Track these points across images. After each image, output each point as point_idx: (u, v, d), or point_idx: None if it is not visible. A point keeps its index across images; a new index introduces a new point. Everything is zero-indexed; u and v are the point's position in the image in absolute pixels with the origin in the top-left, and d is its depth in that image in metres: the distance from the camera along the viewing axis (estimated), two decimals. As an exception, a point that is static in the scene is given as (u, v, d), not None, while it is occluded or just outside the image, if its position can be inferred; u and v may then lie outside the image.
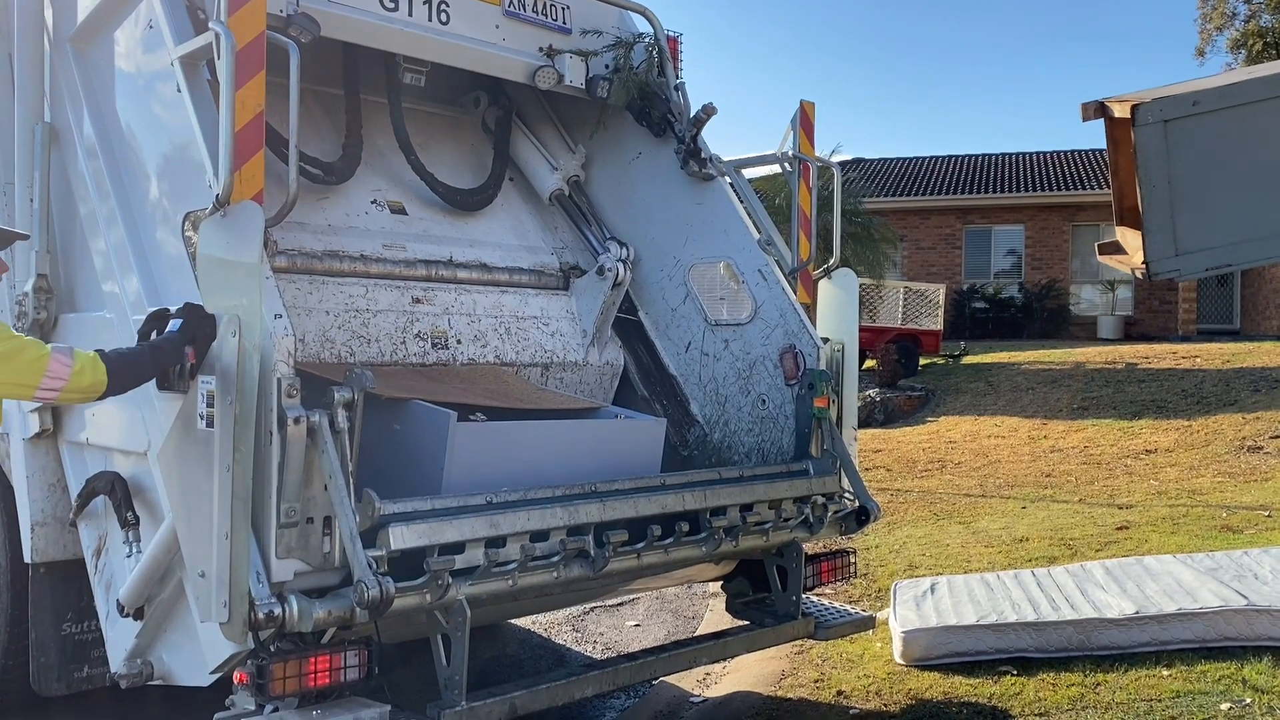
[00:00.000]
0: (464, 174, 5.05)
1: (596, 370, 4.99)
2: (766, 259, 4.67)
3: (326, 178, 4.36)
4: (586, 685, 3.73)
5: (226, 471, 2.93)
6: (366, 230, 4.50)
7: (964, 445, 11.91)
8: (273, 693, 2.89)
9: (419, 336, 4.41)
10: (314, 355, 4.05)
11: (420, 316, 4.45)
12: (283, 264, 4.03)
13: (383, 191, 4.70)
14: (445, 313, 4.55)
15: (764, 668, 5.12)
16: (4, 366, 2.76)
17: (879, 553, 7.16)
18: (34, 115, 4.14)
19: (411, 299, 4.46)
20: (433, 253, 4.64)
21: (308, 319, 4.08)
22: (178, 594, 3.36)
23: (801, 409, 4.43)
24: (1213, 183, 3.67)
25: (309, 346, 4.03)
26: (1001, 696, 4.39)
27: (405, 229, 4.65)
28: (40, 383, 2.78)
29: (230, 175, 3.03)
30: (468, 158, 5.16)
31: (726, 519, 3.90)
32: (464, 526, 3.24)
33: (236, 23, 3.08)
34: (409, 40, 4.40)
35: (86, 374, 2.80)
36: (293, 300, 4.03)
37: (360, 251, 4.39)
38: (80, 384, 2.81)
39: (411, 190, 4.80)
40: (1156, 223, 3.68)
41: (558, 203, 5.19)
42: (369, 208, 4.60)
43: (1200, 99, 3.61)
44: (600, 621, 6.17)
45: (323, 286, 4.19)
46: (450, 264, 4.68)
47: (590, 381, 4.98)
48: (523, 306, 4.84)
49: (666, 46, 5.00)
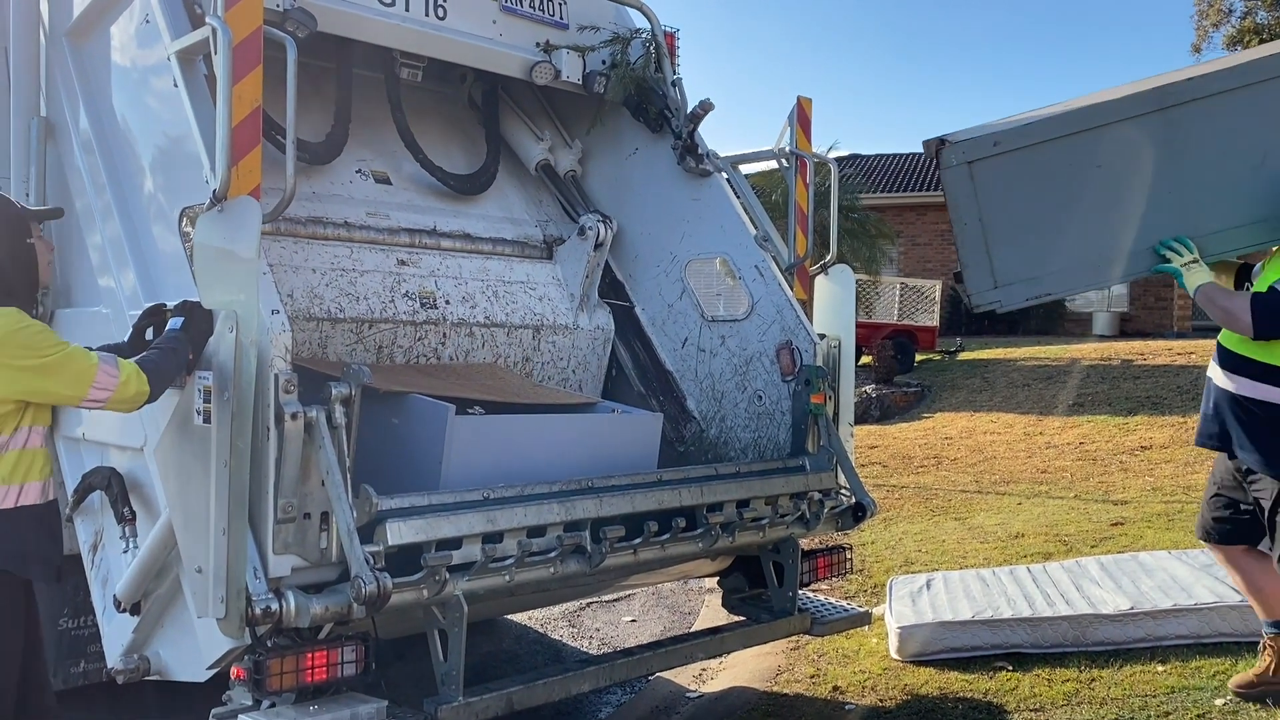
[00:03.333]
0: (451, 150, 5.07)
1: (588, 334, 5.00)
2: (763, 255, 4.68)
3: (308, 157, 4.35)
4: (583, 680, 3.73)
5: (224, 467, 2.93)
6: (350, 199, 4.53)
7: (960, 441, 11.92)
8: (270, 688, 2.90)
9: (407, 296, 4.43)
10: (303, 311, 4.06)
11: (407, 278, 4.47)
12: (266, 229, 4.04)
13: (368, 162, 4.72)
14: (431, 275, 4.57)
15: (760, 663, 5.13)
16: (53, 377, 2.79)
17: (875, 548, 7.17)
18: (30, 110, 4.13)
19: (397, 260, 4.49)
20: (416, 221, 4.67)
21: (294, 276, 4.09)
22: (174, 589, 3.36)
23: (798, 405, 4.43)
24: (1020, 218, 3.80)
25: (297, 302, 4.05)
26: (997, 692, 4.40)
27: (389, 198, 4.69)
28: (87, 394, 2.81)
29: (227, 170, 3.02)
30: (453, 133, 5.17)
31: (723, 515, 3.90)
32: (461, 522, 3.24)
33: (233, 17, 3.07)
34: (406, 35, 4.40)
35: (131, 384, 2.82)
36: (279, 258, 4.05)
37: (344, 219, 4.42)
38: (126, 394, 2.83)
39: (396, 161, 4.82)
40: (972, 258, 3.83)
41: (543, 173, 5.21)
42: (353, 177, 4.62)
43: (1000, 139, 3.75)
44: (597, 617, 6.18)
45: (308, 246, 4.22)
46: (434, 233, 4.71)
47: (583, 346, 4.99)
48: (508, 272, 4.88)
49: (664, 42, 5.00)
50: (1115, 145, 3.71)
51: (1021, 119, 3.94)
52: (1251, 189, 3.66)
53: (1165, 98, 3.65)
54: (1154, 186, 3.72)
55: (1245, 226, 3.71)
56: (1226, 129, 3.65)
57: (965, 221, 3.81)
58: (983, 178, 3.76)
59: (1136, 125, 3.69)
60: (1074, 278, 3.95)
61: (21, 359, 2.77)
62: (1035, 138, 3.75)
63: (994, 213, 3.79)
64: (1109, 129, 3.70)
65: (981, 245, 3.82)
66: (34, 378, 2.80)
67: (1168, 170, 3.71)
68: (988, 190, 3.77)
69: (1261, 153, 3.63)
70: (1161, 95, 3.66)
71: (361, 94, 4.66)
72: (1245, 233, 3.73)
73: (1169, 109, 3.65)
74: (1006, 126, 3.83)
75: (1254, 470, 3.76)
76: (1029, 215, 3.81)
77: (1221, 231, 3.72)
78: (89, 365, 2.79)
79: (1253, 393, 3.67)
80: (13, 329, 2.78)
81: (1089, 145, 3.72)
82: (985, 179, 3.76)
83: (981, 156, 3.76)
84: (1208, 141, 3.67)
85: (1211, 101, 3.63)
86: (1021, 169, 3.76)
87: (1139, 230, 3.75)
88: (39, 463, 2.97)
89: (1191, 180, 3.70)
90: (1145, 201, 3.73)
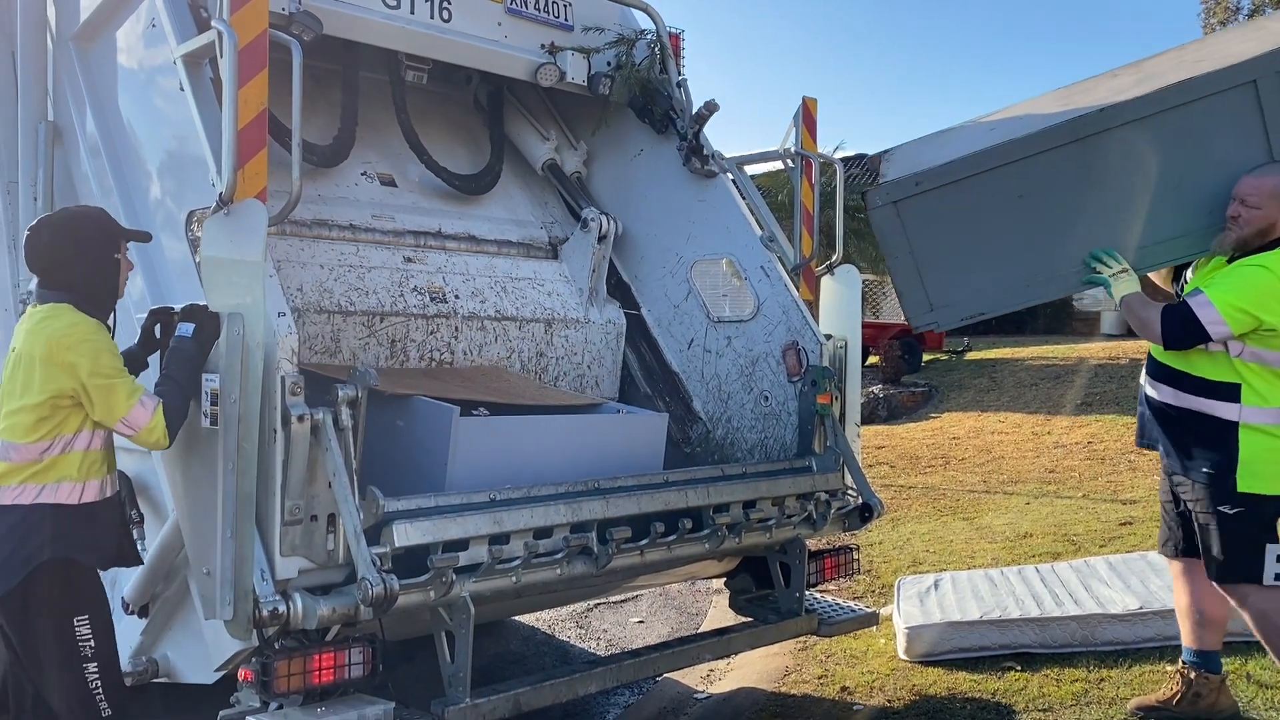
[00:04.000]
0: (456, 151, 5.08)
1: (600, 328, 5.01)
2: (769, 255, 4.67)
3: (315, 159, 4.36)
4: (590, 682, 3.73)
5: (230, 469, 2.94)
6: (356, 201, 4.55)
7: (967, 441, 11.90)
8: (277, 690, 2.90)
9: (416, 290, 4.44)
10: (313, 304, 4.08)
11: (415, 274, 4.49)
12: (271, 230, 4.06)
13: (373, 164, 4.74)
14: (439, 271, 4.59)
15: (768, 664, 5.13)
16: (97, 401, 2.98)
17: (883, 549, 7.16)
18: (37, 114, 4.15)
19: (403, 258, 4.51)
20: (421, 224, 4.69)
21: (303, 271, 4.11)
22: (182, 592, 3.37)
23: (804, 405, 4.43)
24: (949, 248, 3.97)
25: (307, 295, 4.07)
26: (1005, 692, 4.39)
27: (394, 200, 4.70)
28: (116, 426, 3.02)
29: (234, 174, 3.03)
30: (458, 134, 5.18)
31: (729, 516, 3.90)
32: (468, 523, 3.25)
33: (239, 21, 3.08)
34: (411, 38, 4.41)
35: (156, 432, 2.99)
36: (285, 255, 4.07)
37: (349, 221, 4.44)
38: (148, 440, 3.02)
39: (401, 163, 4.84)
40: (907, 285, 4.04)
41: (549, 173, 5.21)
42: (358, 179, 4.64)
43: (921, 180, 3.91)
44: (604, 618, 6.17)
45: (314, 244, 4.24)
46: (439, 235, 4.73)
47: (596, 340, 5.00)
48: (515, 269, 4.90)
49: (669, 43, 5.01)
50: (1034, 177, 3.79)
51: (942, 152, 4.05)
52: (1172, 207, 3.73)
53: (1079, 129, 3.72)
54: (1077, 211, 3.80)
55: (1169, 241, 3.78)
56: (1142, 154, 3.71)
57: (896, 255, 4.01)
58: (908, 215, 3.93)
59: (1053, 157, 3.76)
60: (1006, 298, 4.06)
61: (85, 370, 2.95)
62: (956, 175, 3.87)
63: (923, 246, 3.96)
64: (1026, 162, 3.79)
65: (915, 274, 4.00)
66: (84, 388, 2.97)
67: (1089, 195, 3.78)
68: (915, 226, 3.94)
69: (1179, 175, 3.71)
70: (1075, 127, 3.72)
71: (366, 97, 4.67)
72: (1170, 247, 3.80)
73: (1083, 139, 3.72)
74: (928, 166, 3.96)
75: (1179, 474, 3.80)
76: (957, 246, 3.95)
77: (1147, 247, 3.79)
78: (129, 399, 2.97)
79: (1174, 400, 3.74)
80: (89, 337, 2.99)
81: (1009, 178, 3.82)
82: (910, 216, 3.93)
83: (905, 196, 3.93)
84: (1125, 166, 3.73)
85: (1125, 129, 3.69)
86: (945, 205, 3.90)
87: (1065, 251, 3.84)
88: (101, 461, 3.12)
89: (1113, 203, 3.78)
90: (1070, 225, 3.81)
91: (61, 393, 2.97)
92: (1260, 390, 3.57)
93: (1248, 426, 3.58)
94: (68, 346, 2.95)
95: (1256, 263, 3.54)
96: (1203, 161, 3.69)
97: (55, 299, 3.08)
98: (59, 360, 2.95)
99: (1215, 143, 3.66)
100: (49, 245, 3.11)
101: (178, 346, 3.06)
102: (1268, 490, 3.58)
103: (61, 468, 3.02)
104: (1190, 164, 3.69)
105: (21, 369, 3.01)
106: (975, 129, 4.24)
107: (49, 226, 3.17)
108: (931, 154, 4.10)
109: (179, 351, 3.06)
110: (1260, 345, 3.55)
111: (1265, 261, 3.53)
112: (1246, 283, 3.53)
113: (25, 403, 2.98)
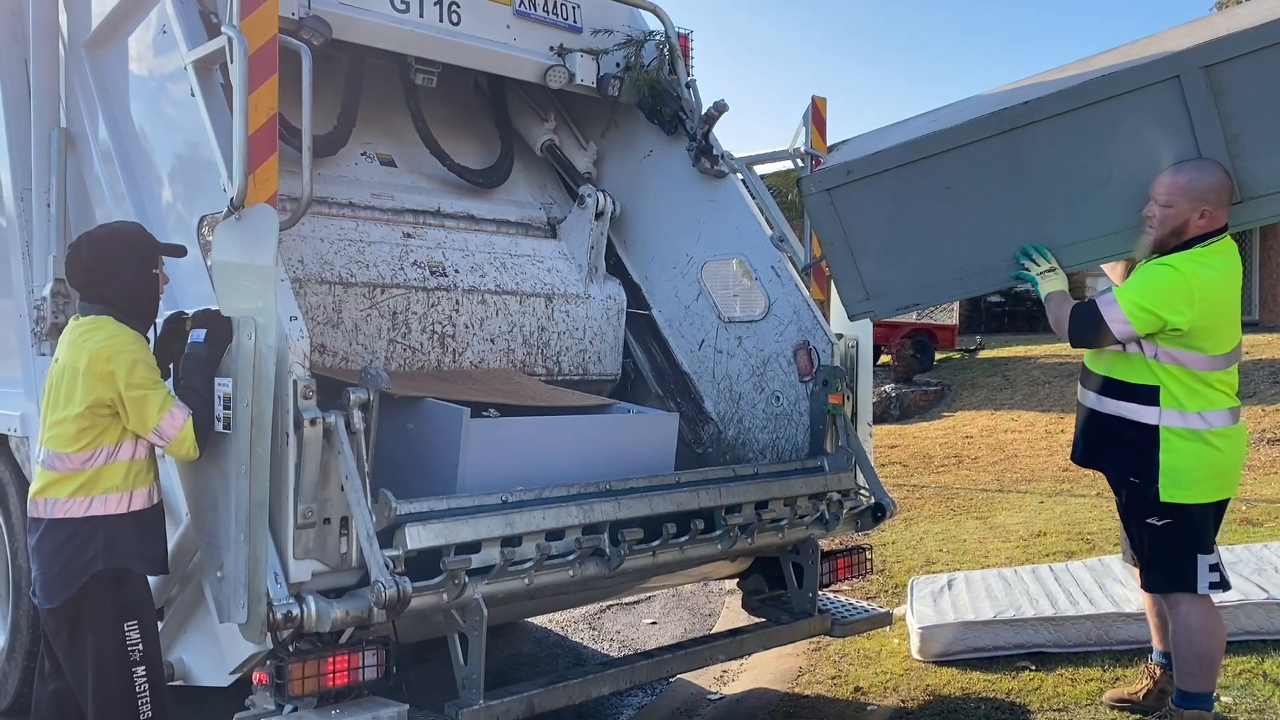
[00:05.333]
0: (460, 139, 5.11)
1: (601, 304, 5.03)
2: (779, 255, 4.67)
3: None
4: (604, 683, 3.73)
5: (244, 473, 2.95)
6: (355, 180, 4.60)
7: (980, 440, 11.86)
8: (291, 693, 2.91)
9: (416, 265, 4.47)
10: (314, 275, 4.11)
11: (414, 249, 4.53)
12: None
13: (373, 145, 4.77)
14: (438, 246, 4.63)
15: (781, 665, 5.12)
16: (131, 411, 3.05)
17: (896, 549, 7.14)
18: (50, 121, 4.18)
19: (403, 234, 4.55)
20: (420, 203, 4.74)
21: (303, 244, 4.14)
22: (197, 595, 3.39)
23: (816, 405, 4.42)
24: (881, 237, 3.99)
25: (308, 267, 4.10)
26: (1020, 692, 4.37)
27: (393, 180, 4.75)
28: (149, 436, 3.09)
29: (244, 178, 3.05)
30: (461, 121, 5.20)
31: (741, 516, 3.90)
32: (480, 526, 3.25)
33: (249, 27, 3.09)
34: (420, 42, 4.42)
35: (186, 443, 3.06)
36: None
37: (349, 199, 4.47)
38: (178, 451, 3.09)
39: (401, 144, 4.87)
40: (842, 273, 4.07)
41: (548, 154, 5.23)
42: (358, 159, 4.68)
43: (853, 168, 3.94)
44: (617, 619, 6.18)
45: (313, 219, 4.25)
46: (438, 214, 4.77)
47: (597, 315, 5.01)
48: (514, 246, 4.93)
49: (677, 44, 5.01)
50: (961, 168, 3.76)
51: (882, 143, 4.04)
52: (1100, 204, 3.66)
53: (1003, 122, 3.67)
54: (1004, 204, 3.76)
55: (1096, 239, 3.71)
56: (1068, 149, 3.64)
57: (831, 242, 4.04)
58: (841, 203, 3.96)
59: (980, 149, 3.72)
60: (939, 290, 4.07)
61: (122, 380, 3.02)
62: (885, 164, 3.87)
63: (856, 233, 3.99)
64: (953, 153, 3.76)
65: (850, 261, 4.03)
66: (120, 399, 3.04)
67: (1016, 189, 3.73)
68: (848, 214, 3.97)
69: (1106, 170, 3.62)
70: (999, 120, 3.67)
71: (368, 78, 4.71)
72: (1097, 245, 3.73)
73: (1009, 132, 3.67)
74: (859, 154, 3.98)
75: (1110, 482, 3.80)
76: (889, 234, 3.96)
77: (1074, 244, 3.72)
78: (159, 411, 3.03)
79: (1097, 405, 3.71)
80: (127, 348, 3.07)
81: (936, 169, 3.80)
82: (844, 204, 3.96)
83: (837, 184, 3.95)
84: (1051, 161, 3.67)
85: (1050, 123, 3.62)
86: (876, 194, 3.91)
87: (995, 245, 3.81)
88: (146, 469, 3.18)
89: (1040, 198, 3.72)
90: (998, 218, 3.78)
91: (99, 402, 3.03)
92: (1177, 394, 3.49)
93: (1168, 430, 3.50)
94: (107, 357, 3.02)
95: (1164, 262, 3.47)
96: (1131, 158, 3.58)
97: (95, 311, 3.16)
98: (98, 371, 3.02)
99: (1143, 139, 3.55)
100: (88, 262, 3.19)
101: (191, 353, 3.10)
102: (1191, 499, 3.52)
103: (107, 478, 3.08)
104: (1118, 161, 3.60)
105: (65, 380, 3.09)
106: (919, 120, 4.20)
107: (88, 243, 3.23)
108: (874, 144, 4.08)
109: (193, 359, 3.09)
110: (1174, 346, 3.47)
111: (1172, 261, 3.45)
112: (1151, 282, 3.46)
113: (68, 413, 3.05)
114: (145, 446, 3.16)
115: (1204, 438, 3.49)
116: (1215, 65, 3.40)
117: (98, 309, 3.16)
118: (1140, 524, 3.63)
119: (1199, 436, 3.49)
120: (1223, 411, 3.53)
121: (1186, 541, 3.55)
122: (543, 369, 4.83)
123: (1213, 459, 3.52)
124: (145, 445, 3.15)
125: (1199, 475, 3.52)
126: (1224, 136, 3.45)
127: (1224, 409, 3.53)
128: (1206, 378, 3.50)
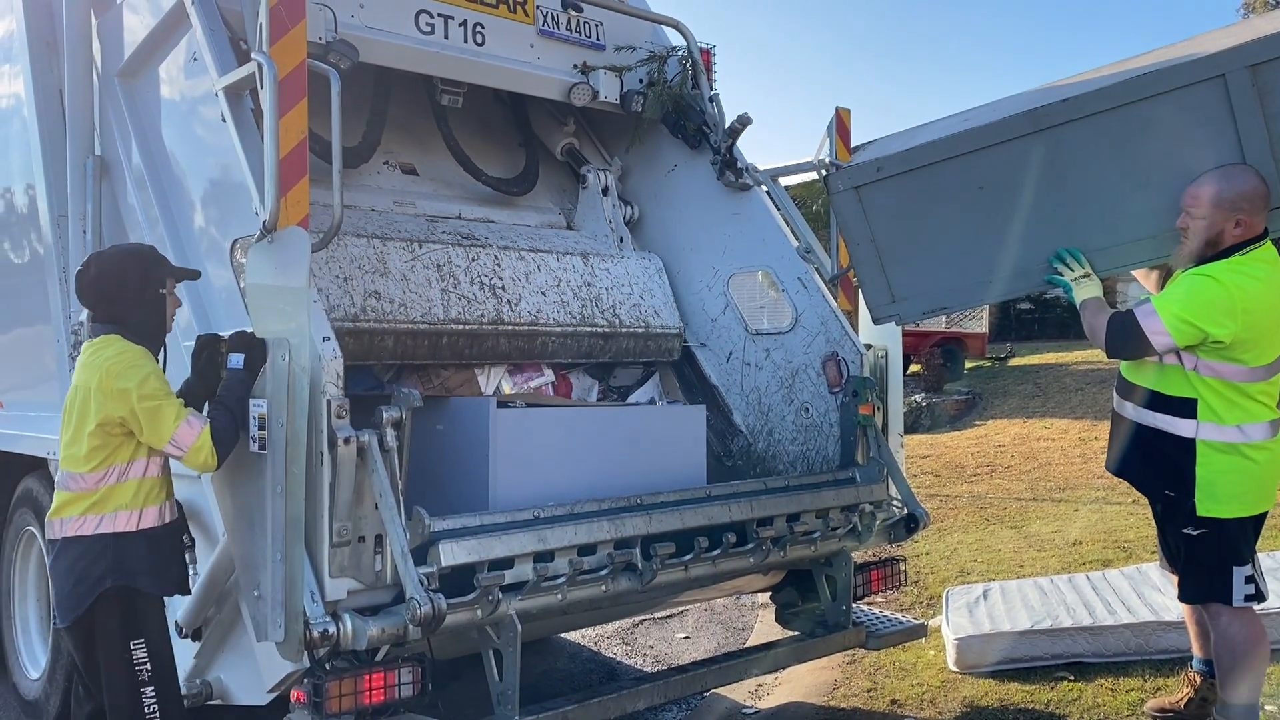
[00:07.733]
0: (484, 147, 5.17)
1: (639, 262, 5.07)
2: (806, 267, 4.66)
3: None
4: (639, 698, 3.73)
5: (279, 493, 2.98)
6: (378, 189, 4.67)
7: (1013, 448, 11.75)
8: (329, 710, 2.92)
9: (447, 232, 4.55)
10: (353, 228, 4.16)
11: (441, 224, 4.63)
12: None
13: (395, 154, 4.84)
14: (467, 225, 4.71)
15: (816, 678, 5.09)
16: (146, 423, 3.05)
17: (929, 559, 7.09)
18: (85, 149, 4.25)
19: (428, 219, 4.65)
20: (442, 210, 4.81)
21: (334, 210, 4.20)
22: (234, 615, 3.41)
23: (846, 417, 4.41)
24: (910, 237, 3.88)
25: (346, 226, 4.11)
26: (1059, 703, 4.32)
27: (415, 188, 4.82)
28: (165, 448, 3.09)
29: (276, 202, 3.09)
30: (483, 129, 5.25)
31: (773, 529, 3.89)
32: (513, 542, 3.27)
33: (278, 52, 3.14)
34: (446, 63, 4.47)
35: (204, 452, 3.06)
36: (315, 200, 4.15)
37: (370, 207, 4.54)
38: (196, 460, 3.09)
39: (423, 152, 4.94)
40: (868, 276, 3.97)
41: (568, 157, 5.27)
42: (380, 168, 4.74)
43: (883, 165, 3.83)
44: (650, 634, 6.16)
45: None
46: (459, 219, 4.82)
47: (638, 272, 5.03)
48: (536, 233, 5.00)
49: (700, 59, 5.03)
50: (996, 167, 3.68)
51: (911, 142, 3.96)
52: (1138, 207, 3.57)
53: (1041, 120, 3.59)
54: (1039, 205, 3.67)
55: (1131, 244, 3.62)
56: (1107, 148, 3.56)
57: (858, 242, 3.95)
58: (870, 201, 3.87)
59: (1015, 147, 3.64)
60: (968, 293, 3.98)
61: (134, 394, 3.03)
62: (917, 162, 3.78)
63: (884, 233, 3.89)
64: (988, 152, 3.68)
65: (876, 263, 3.93)
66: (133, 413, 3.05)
67: (1051, 189, 3.65)
68: (876, 213, 3.88)
69: (1145, 171, 3.54)
70: (1037, 118, 3.59)
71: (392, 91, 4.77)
72: (1133, 250, 3.64)
73: (1046, 130, 3.59)
74: (891, 151, 3.89)
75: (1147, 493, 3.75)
76: (918, 235, 3.86)
77: (1109, 249, 3.64)
78: (173, 422, 3.04)
79: (1134, 416, 3.63)
80: (136, 362, 3.08)
81: (970, 168, 3.71)
82: (872, 203, 3.87)
83: (866, 182, 3.86)
84: (1089, 161, 3.58)
85: (1089, 122, 3.54)
86: (906, 192, 3.82)
87: (1028, 247, 3.72)
88: (158, 488, 3.20)
89: (1076, 198, 3.64)
90: (1032, 219, 3.69)
91: (110, 419, 3.05)
92: (1215, 407, 3.42)
93: (1205, 444, 3.44)
94: (118, 374, 3.04)
95: (1204, 273, 3.39)
96: (1171, 160, 3.50)
97: (105, 331, 3.18)
98: (110, 388, 3.04)
99: (1185, 140, 3.47)
100: (95, 281, 3.22)
101: (231, 378, 3.13)
102: (1227, 514, 3.47)
103: (117, 496, 3.10)
104: (1157, 162, 3.52)
105: (79, 400, 3.12)
106: (950, 120, 4.13)
107: (96, 263, 3.27)
108: (901, 143, 4.01)
109: (233, 382, 3.13)
110: (1214, 358, 3.40)
111: (1213, 272, 3.38)
112: (1193, 294, 3.38)
113: (81, 432, 3.09)
114: (157, 464, 3.16)
115: (1241, 451, 3.44)
116: (1261, 64, 3.33)
117: (108, 329, 3.18)
118: (1177, 534, 3.59)
119: (1236, 450, 3.44)
120: (1262, 424, 3.46)
121: (1222, 554, 3.50)
122: (603, 321, 4.79)
123: (1250, 472, 3.46)
124: (157, 463, 3.16)
125: (1236, 489, 3.46)
126: (1269, 137, 3.38)
127: (1264, 421, 3.46)
128: (1247, 389, 3.43)
